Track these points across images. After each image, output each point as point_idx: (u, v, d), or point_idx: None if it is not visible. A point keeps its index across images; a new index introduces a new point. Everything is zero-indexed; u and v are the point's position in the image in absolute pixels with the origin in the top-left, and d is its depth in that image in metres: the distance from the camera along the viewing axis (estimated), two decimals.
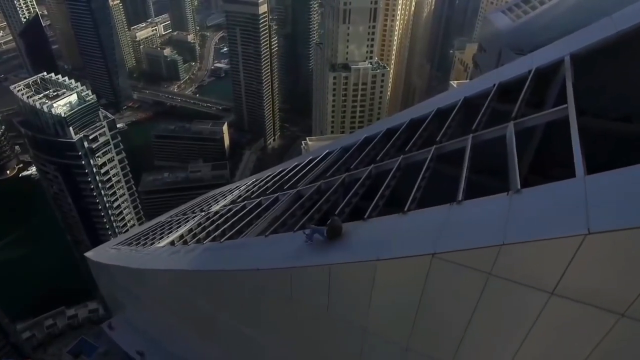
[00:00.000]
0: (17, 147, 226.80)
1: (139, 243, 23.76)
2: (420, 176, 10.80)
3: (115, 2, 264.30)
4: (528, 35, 57.39)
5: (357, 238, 10.11)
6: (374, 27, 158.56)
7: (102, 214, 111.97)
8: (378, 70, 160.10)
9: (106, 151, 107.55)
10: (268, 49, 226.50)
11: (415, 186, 10.41)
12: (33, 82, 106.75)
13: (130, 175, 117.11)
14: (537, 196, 7.94)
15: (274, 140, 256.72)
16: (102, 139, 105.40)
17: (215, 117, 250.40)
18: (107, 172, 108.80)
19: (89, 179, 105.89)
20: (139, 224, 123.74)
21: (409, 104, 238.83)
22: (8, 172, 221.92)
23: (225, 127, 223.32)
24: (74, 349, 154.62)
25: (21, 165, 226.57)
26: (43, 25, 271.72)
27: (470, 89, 15.59)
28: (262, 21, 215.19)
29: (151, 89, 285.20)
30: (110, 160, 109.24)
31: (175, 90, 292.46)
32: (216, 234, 15.92)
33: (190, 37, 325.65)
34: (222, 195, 25.55)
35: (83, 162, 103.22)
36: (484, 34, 69.92)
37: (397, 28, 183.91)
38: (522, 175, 8.77)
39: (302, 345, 12.28)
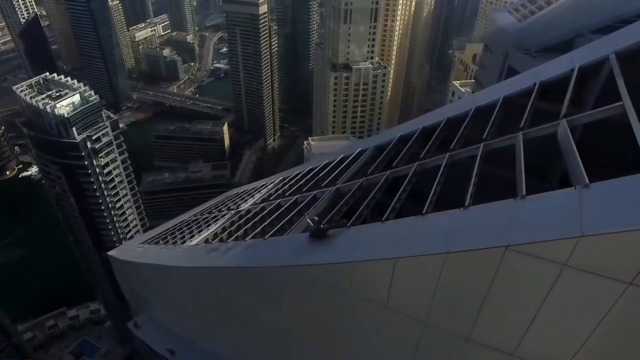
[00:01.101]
0: (16, 148, 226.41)
1: (167, 241, 23.81)
2: (475, 172, 10.98)
3: (114, 3, 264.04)
4: (535, 35, 57.69)
5: (420, 232, 10.29)
6: (374, 27, 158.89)
7: (105, 214, 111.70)
8: (379, 71, 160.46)
9: (109, 151, 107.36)
10: (268, 49, 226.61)
11: (471, 182, 10.59)
12: (35, 82, 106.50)
13: (133, 176, 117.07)
14: (609, 190, 8.12)
15: (273, 140, 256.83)
16: (105, 139, 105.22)
17: (214, 118, 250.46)
18: (109, 173, 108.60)
19: (92, 180, 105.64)
20: (142, 225, 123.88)
21: (409, 104, 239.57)
22: (8, 172, 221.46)
23: (225, 128, 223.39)
24: (75, 349, 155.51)
25: (21, 165, 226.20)
26: (42, 25, 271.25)
27: (508, 88, 15.78)
28: (262, 21, 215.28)
29: (150, 90, 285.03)
30: (113, 160, 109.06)
31: (175, 90, 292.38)
32: (256, 231, 16.07)
33: (189, 38, 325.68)
34: (248, 194, 25.63)
35: (86, 163, 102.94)
36: (489, 34, 70.05)
37: (397, 28, 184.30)
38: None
39: (351, 342, 12.44)
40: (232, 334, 17.14)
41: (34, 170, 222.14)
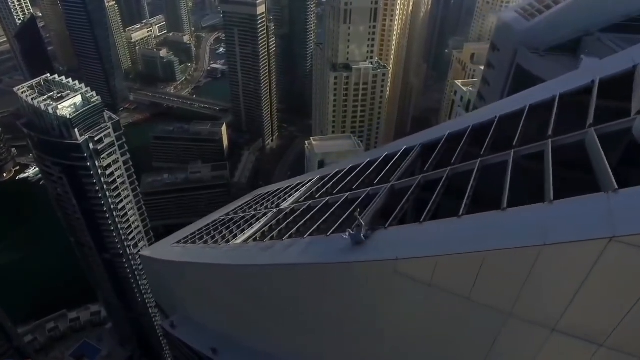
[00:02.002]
0: (13, 150, 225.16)
1: (206, 240, 23.77)
2: (549, 168, 11.09)
3: (110, 3, 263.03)
4: (543, 33, 57.97)
5: (506, 225, 10.41)
6: (374, 27, 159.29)
7: (107, 215, 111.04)
8: (379, 70, 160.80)
9: (111, 152, 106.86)
10: (266, 50, 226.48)
11: (550, 177, 10.69)
12: (36, 83, 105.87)
13: (135, 177, 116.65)
14: None
15: (272, 140, 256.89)
16: (107, 140, 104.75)
17: (212, 118, 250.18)
18: (112, 174, 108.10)
19: (94, 181, 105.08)
20: (143, 226, 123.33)
21: (407, 104, 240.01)
22: (5, 175, 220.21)
23: (224, 128, 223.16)
24: (76, 351, 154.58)
25: (18, 167, 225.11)
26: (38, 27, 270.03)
27: (563, 85, 15.91)
28: (260, 22, 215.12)
29: (147, 90, 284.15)
30: (115, 161, 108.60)
31: (172, 91, 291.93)
32: (313, 228, 16.14)
33: (186, 38, 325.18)
34: (285, 193, 25.59)
35: (88, 164, 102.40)
36: (497, 33, 70.29)
37: (395, 28, 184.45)
38: None
39: (424, 336, 12.57)
40: (292, 332, 17.08)
41: (31, 172, 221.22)
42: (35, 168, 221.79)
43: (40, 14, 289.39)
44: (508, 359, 11.02)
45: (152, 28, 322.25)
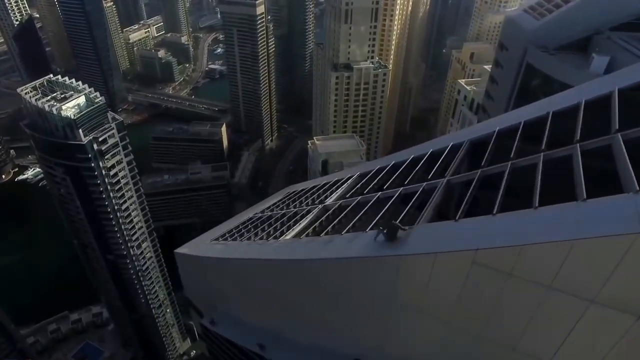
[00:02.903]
0: (12, 151, 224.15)
1: (248, 237, 23.73)
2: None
3: (108, 4, 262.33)
4: (553, 32, 58.24)
5: (590, 215, 10.67)
6: (375, 26, 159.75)
7: (111, 216, 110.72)
8: (380, 70, 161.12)
9: (115, 153, 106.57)
10: (265, 50, 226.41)
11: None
12: (39, 84, 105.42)
13: (138, 177, 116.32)
14: None
15: (271, 140, 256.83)
16: (111, 141, 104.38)
17: (211, 119, 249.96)
18: (115, 174, 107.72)
19: (98, 182, 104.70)
20: (147, 227, 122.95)
21: (406, 103, 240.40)
22: (3, 176, 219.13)
23: (223, 129, 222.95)
24: (78, 353, 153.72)
25: (16, 169, 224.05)
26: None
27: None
28: (259, 22, 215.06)
29: (146, 91, 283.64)
30: (119, 162, 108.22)
31: (170, 92, 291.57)
32: (373, 223, 16.30)
33: (183, 39, 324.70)
34: (321, 190, 25.62)
35: (92, 165, 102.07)
36: (505, 32, 70.57)
37: (395, 28, 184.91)
38: None
39: (496, 325, 12.87)
40: (359, 324, 17.18)
41: (30, 173, 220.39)
42: (34, 169, 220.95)
43: (37, 15, 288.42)
44: (587, 345, 11.23)
45: (149, 29, 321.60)
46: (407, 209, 15.98)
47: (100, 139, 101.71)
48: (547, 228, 11.25)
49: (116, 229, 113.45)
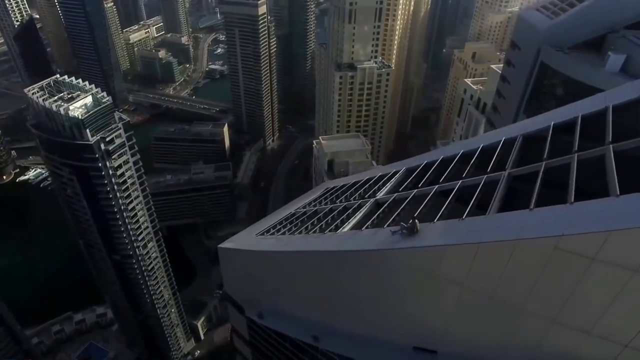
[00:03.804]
0: (13, 152, 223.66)
1: (300, 231, 23.88)
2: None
3: (108, 5, 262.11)
4: (567, 31, 58.46)
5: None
6: (378, 26, 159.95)
7: (117, 216, 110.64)
8: (383, 70, 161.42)
9: (122, 153, 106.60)
10: (267, 50, 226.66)
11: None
12: (46, 84, 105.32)
13: (144, 177, 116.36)
14: None
15: (272, 140, 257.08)
16: (118, 141, 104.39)
17: (212, 119, 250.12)
18: (122, 174, 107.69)
19: (105, 181, 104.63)
20: (152, 226, 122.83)
21: (407, 103, 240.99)
22: (5, 177, 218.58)
23: (225, 129, 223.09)
24: (83, 354, 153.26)
25: (17, 170, 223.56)
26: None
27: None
28: (261, 22, 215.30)
29: (146, 92, 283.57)
30: (126, 162, 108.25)
31: (171, 92, 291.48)
32: (440, 214, 16.79)
33: (184, 39, 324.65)
34: (367, 186, 25.81)
35: (100, 164, 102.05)
36: (518, 32, 70.76)
37: (397, 28, 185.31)
38: None
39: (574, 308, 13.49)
40: (429, 314, 17.60)
41: (31, 174, 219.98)
42: (35, 170, 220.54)
43: (38, 16, 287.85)
44: None
45: (149, 29, 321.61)
46: (472, 200, 16.26)
47: (107, 139, 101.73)
48: (632, 215, 11.54)
49: (122, 229, 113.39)
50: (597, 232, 11.74)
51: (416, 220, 18.77)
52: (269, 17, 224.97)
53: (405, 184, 22.36)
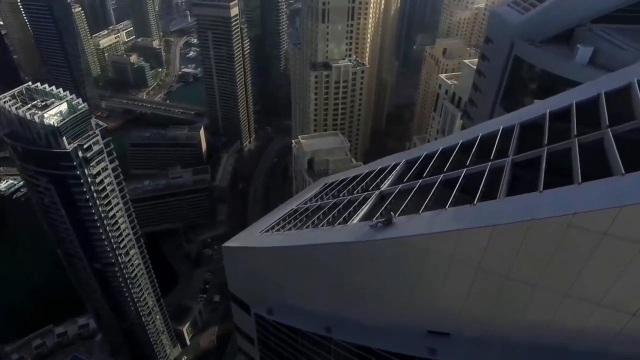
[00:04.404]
0: None
1: (307, 225, 24.43)
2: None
3: (76, 10, 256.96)
4: (538, 25, 60.70)
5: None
6: (351, 25, 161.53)
7: (98, 224, 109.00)
8: (358, 68, 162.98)
9: (100, 160, 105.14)
10: (241, 51, 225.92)
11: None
12: (18, 92, 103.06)
13: (124, 184, 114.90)
14: None
15: (249, 142, 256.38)
16: (95, 148, 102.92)
17: (188, 123, 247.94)
18: (101, 181, 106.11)
19: (84, 189, 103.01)
20: (134, 233, 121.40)
21: (381, 100, 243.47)
22: None
23: (201, 132, 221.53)
24: None
25: None
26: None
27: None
28: (233, 24, 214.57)
29: (119, 97, 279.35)
30: (104, 169, 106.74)
31: (144, 97, 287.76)
32: (450, 200, 17.92)
33: (155, 43, 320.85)
34: (369, 179, 26.45)
35: (78, 172, 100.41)
36: (491, 27, 72.78)
37: (369, 26, 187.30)
38: None
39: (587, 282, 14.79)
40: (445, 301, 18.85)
41: (2, 185, 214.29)
42: (7, 181, 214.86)
43: (2, 22, 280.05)
44: None
45: (119, 34, 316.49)
46: (481, 186, 17.32)
47: (84, 146, 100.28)
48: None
49: (103, 236, 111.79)
50: (609, 209, 12.92)
51: (392, 213, 20.37)
52: (241, 19, 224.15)
53: (409, 175, 23.31)
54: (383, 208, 20.98)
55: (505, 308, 17.65)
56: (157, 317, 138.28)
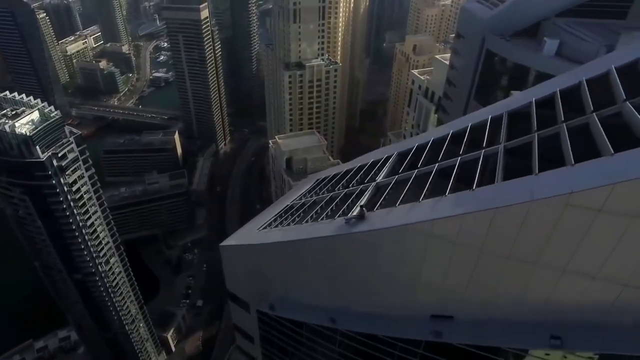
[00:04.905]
0: None
1: (306, 220, 25.24)
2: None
3: (41, 16, 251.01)
4: (507, 20, 63.04)
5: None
6: (323, 24, 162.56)
7: (76, 233, 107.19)
8: (331, 66, 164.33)
9: (75, 168, 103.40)
10: (212, 54, 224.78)
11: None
12: None
13: (101, 192, 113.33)
14: None
15: (224, 144, 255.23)
16: (71, 156, 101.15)
17: (162, 127, 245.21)
18: (78, 190, 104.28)
19: (61, 199, 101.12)
20: (113, 241, 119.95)
21: (354, 97, 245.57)
22: None
23: (176, 136, 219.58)
24: None
25: None
26: None
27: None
28: (204, 26, 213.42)
29: (90, 104, 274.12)
30: (81, 177, 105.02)
31: (116, 103, 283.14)
32: (448, 187, 19.16)
33: (124, 48, 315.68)
34: (362, 172, 27.18)
35: (54, 182, 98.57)
36: (462, 22, 74.86)
37: (340, 25, 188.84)
38: None
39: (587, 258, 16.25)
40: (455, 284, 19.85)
41: None
42: None
43: None
44: None
45: (87, 39, 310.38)
46: (477, 172, 18.85)
47: (59, 155, 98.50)
48: (630, 168, 14.22)
49: (82, 246, 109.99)
50: (603, 187, 14.27)
51: (364, 209, 21.63)
52: (211, 21, 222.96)
53: (403, 166, 24.40)
54: (382, 199, 22.02)
55: (506, 288, 18.87)
56: (141, 325, 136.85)
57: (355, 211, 21.77)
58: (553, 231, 16.05)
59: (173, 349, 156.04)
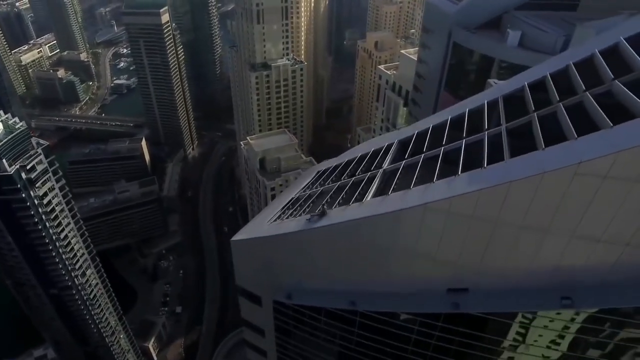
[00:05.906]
0: None
1: (317, 208, 26.16)
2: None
3: None
4: (471, 14, 66.11)
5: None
6: (287, 24, 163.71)
7: (50, 247, 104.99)
8: (297, 66, 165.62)
9: (45, 180, 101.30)
10: (175, 58, 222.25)
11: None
12: None
13: (73, 202, 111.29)
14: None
15: (193, 149, 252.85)
16: (40, 168, 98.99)
17: (128, 135, 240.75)
18: (49, 202, 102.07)
19: (32, 212, 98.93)
20: (88, 252, 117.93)
21: (319, 96, 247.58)
22: None
23: (143, 143, 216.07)
24: None
25: None
26: None
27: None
28: (165, 30, 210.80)
29: (50, 115, 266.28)
30: (51, 189, 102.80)
31: (77, 112, 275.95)
32: (460, 167, 21.00)
33: (82, 56, 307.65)
34: (365, 160, 28.71)
35: (23, 195, 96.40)
36: (428, 17, 77.55)
37: (302, 24, 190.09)
38: None
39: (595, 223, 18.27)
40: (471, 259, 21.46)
41: None
42: None
43: None
44: None
45: (42, 48, 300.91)
46: (485, 152, 20.61)
47: (27, 167, 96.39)
48: (630, 137, 16.14)
49: (57, 260, 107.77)
50: (608, 155, 16.14)
51: (325, 207, 23.26)
52: (172, 25, 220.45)
53: (408, 152, 26.08)
54: (394, 183, 23.71)
55: (519, 256, 20.69)
56: (121, 336, 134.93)
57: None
58: (562, 199, 17.92)
59: (155, 358, 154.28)
